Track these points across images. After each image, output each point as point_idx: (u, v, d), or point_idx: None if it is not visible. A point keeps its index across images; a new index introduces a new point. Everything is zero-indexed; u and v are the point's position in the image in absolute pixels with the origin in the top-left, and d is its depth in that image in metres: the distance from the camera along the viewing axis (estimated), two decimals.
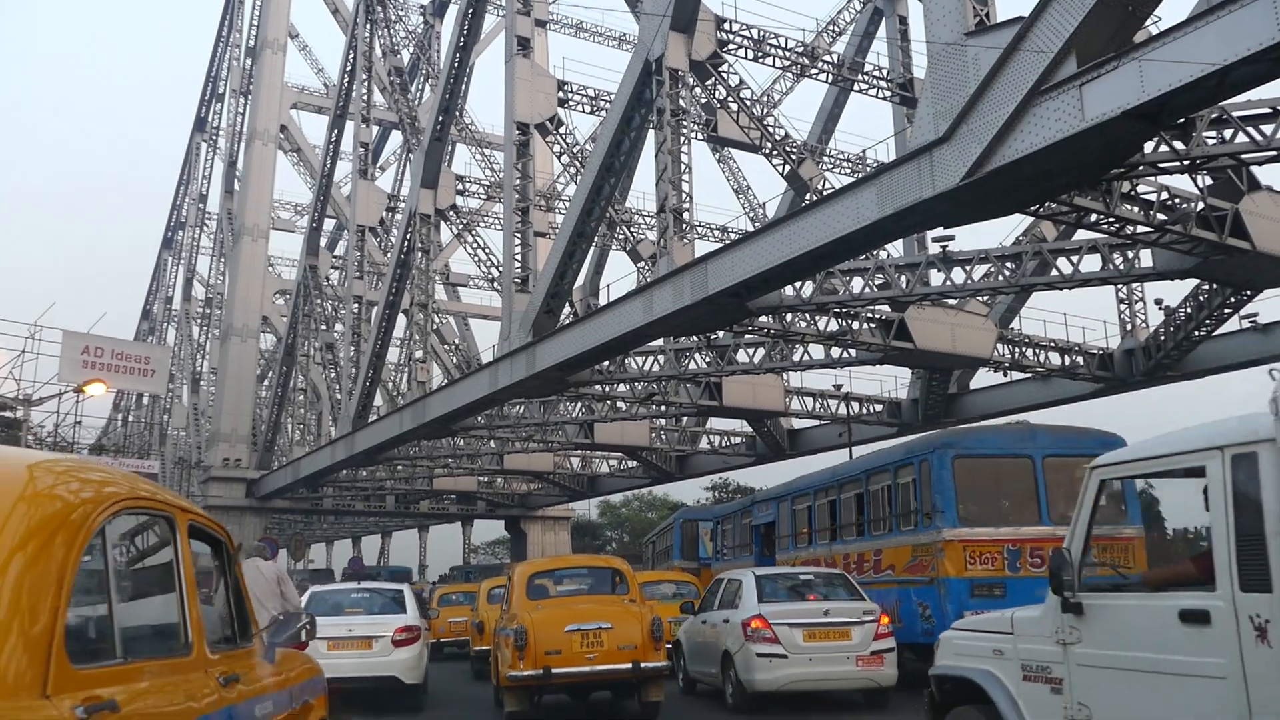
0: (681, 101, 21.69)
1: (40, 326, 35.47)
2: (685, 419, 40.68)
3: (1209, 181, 17.35)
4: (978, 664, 6.04)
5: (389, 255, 40.71)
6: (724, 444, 41.06)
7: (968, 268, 19.89)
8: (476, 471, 46.94)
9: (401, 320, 40.55)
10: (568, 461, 48.12)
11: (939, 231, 19.24)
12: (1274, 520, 4.08)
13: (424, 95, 51.88)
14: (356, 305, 42.29)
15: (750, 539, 20.92)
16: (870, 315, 23.47)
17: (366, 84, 44.76)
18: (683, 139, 21.51)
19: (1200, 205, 16.71)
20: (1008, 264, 19.97)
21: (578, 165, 29.06)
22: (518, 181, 28.46)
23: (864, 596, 12.92)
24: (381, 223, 44.86)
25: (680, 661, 15.00)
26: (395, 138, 65.13)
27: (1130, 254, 19.21)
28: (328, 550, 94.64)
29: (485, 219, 46.08)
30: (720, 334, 27.35)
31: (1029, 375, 28.04)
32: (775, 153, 23.04)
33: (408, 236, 36.24)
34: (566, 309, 26.90)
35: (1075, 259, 19.62)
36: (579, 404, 34.76)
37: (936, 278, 20.06)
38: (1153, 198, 16.45)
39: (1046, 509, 13.06)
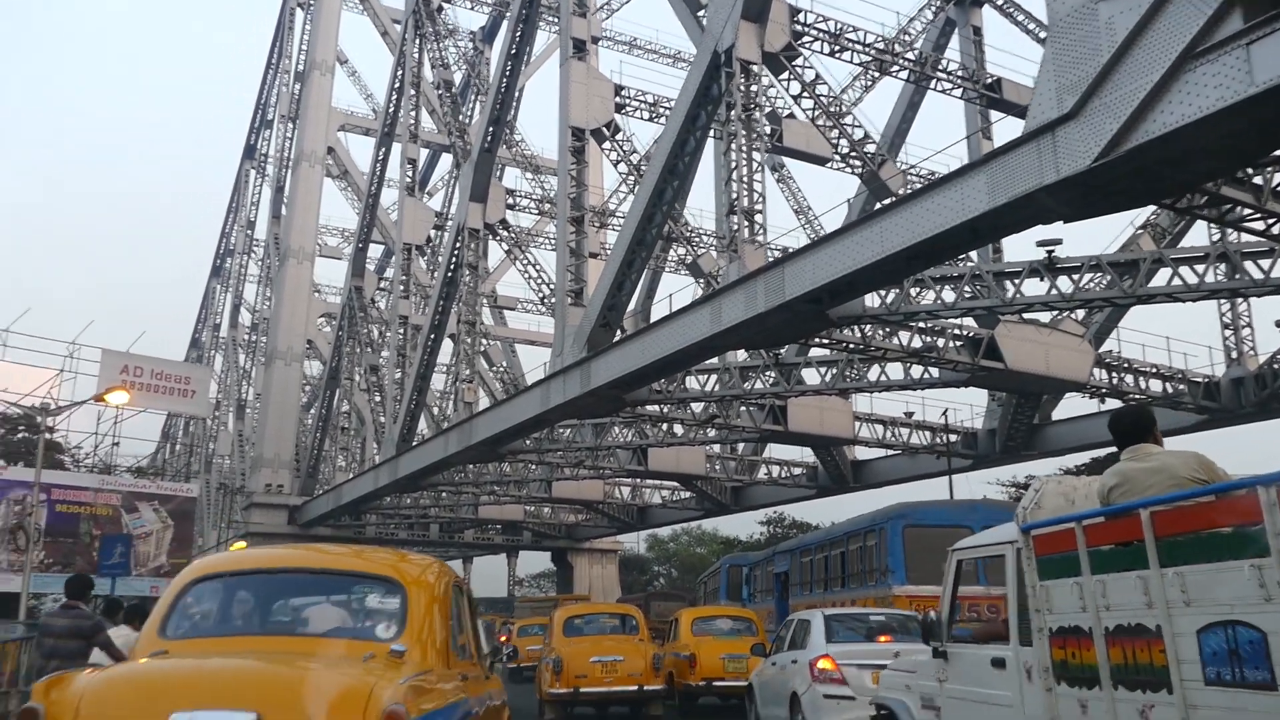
0: (753, 93, 19.97)
1: (79, 345, 34.50)
2: (743, 446, 38.73)
3: None
4: (897, 695, 7.78)
5: (436, 274, 39.32)
6: (784, 474, 38.93)
7: (1075, 276, 17.86)
8: (523, 499, 45.18)
9: (447, 344, 39.15)
10: (618, 491, 46.19)
11: (1043, 235, 17.44)
12: (1031, 596, 5.52)
13: (474, 116, 50.87)
14: (402, 326, 40.90)
15: (773, 585, 23.34)
16: (957, 332, 21.49)
17: (414, 100, 43.63)
18: (755, 134, 19.77)
19: None
20: (1120, 273, 17.88)
21: (636, 174, 27.43)
22: (572, 190, 26.88)
23: None
24: (429, 242, 43.55)
25: (752, 705, 14.09)
26: (443, 165, 64.42)
27: (1266, 264, 17.10)
28: None
29: (536, 239, 44.65)
30: (784, 351, 25.52)
31: (1122, 404, 25.84)
32: (853, 154, 21.24)
33: (455, 252, 34.78)
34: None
35: (1200, 269, 17.52)
36: (632, 429, 33.02)
37: (1039, 287, 18.08)
38: None
39: (983, 572, 13.98)
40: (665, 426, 31.42)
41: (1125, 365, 23.71)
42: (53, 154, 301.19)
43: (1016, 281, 17.93)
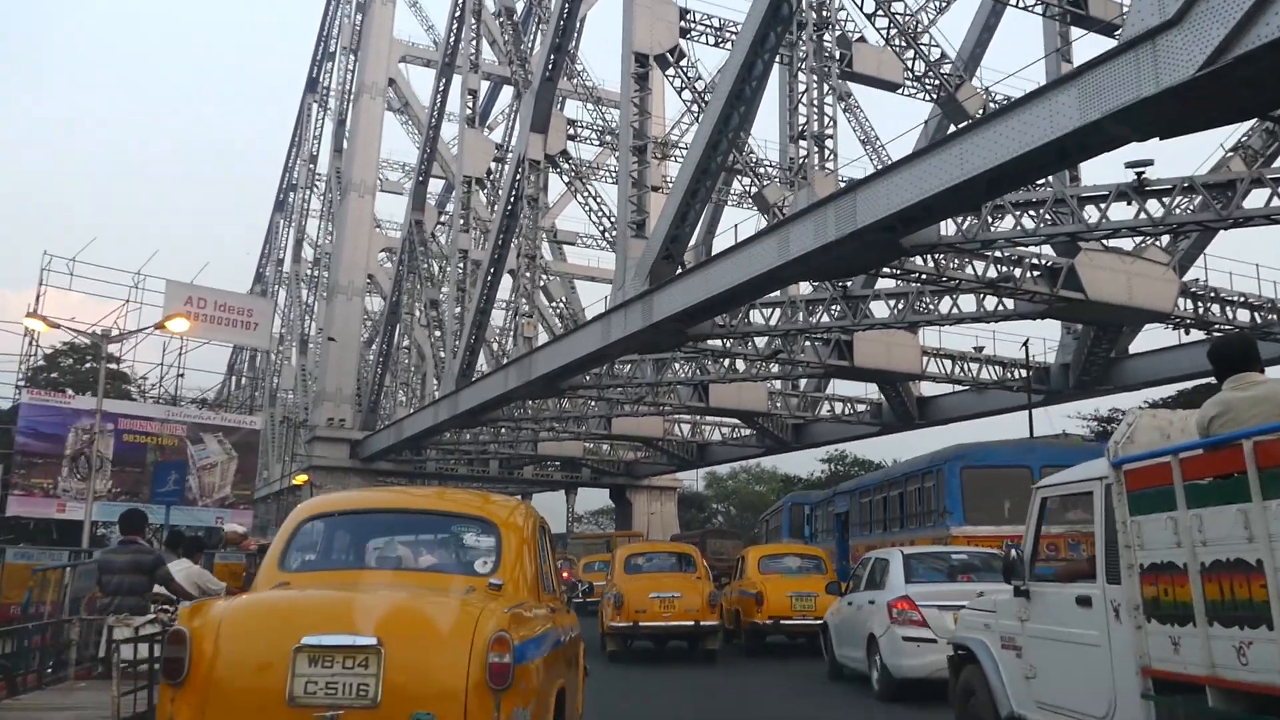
0: (825, 11, 19.12)
1: (144, 275, 34.71)
2: (805, 383, 38.13)
3: None
4: (975, 635, 7.55)
5: (496, 208, 38.93)
6: (847, 411, 38.29)
7: (1166, 199, 16.90)
8: (583, 436, 45.08)
9: (507, 280, 38.87)
10: (677, 428, 45.86)
11: (1129, 156, 16.51)
12: (1122, 532, 5.40)
13: (535, 47, 50.12)
14: (462, 260, 40.67)
15: (833, 525, 23.58)
16: (1034, 262, 20.63)
17: (475, 28, 42.95)
18: (826, 54, 18.95)
19: None
20: (1214, 194, 16.86)
21: (701, 102, 26.65)
22: (635, 118, 26.21)
23: None
24: (489, 174, 43.08)
25: (827, 645, 13.74)
26: (503, 99, 63.73)
27: None
28: None
29: (598, 172, 43.99)
30: (852, 283, 24.81)
31: (1204, 336, 24.82)
32: (928, 75, 20.30)
33: (516, 183, 34.30)
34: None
35: None
36: (693, 364, 32.59)
37: (1125, 212, 17.13)
38: None
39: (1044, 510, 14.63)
40: (727, 362, 30.92)
41: (1212, 294, 22.62)
42: (118, 88, 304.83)
43: (1102, 206, 17.02)
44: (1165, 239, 21.74)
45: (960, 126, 16.02)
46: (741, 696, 12.20)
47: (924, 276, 19.67)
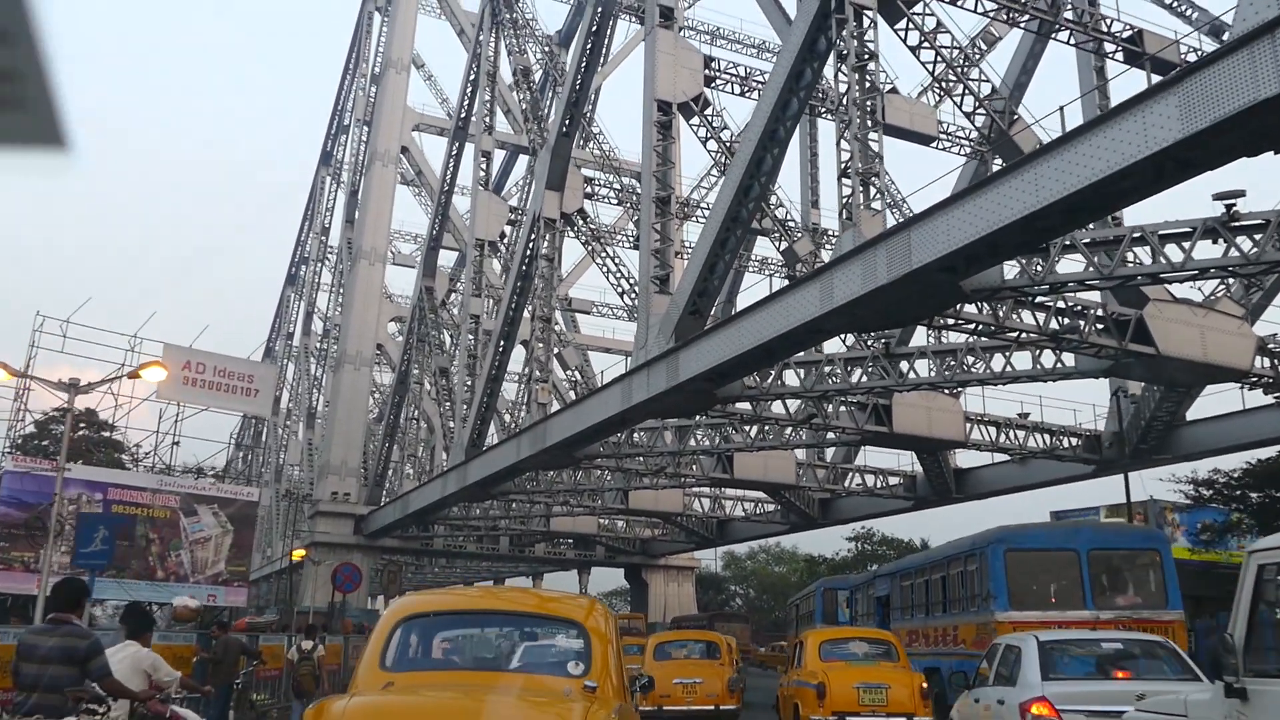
0: (869, 44, 17.65)
1: (140, 339, 33.09)
2: (832, 453, 36.16)
3: None
4: None
5: (509, 268, 37.45)
6: (879, 484, 36.17)
7: (1257, 236, 15.11)
8: (598, 510, 42.95)
9: (518, 353, 37.30)
10: (697, 503, 43.77)
11: (1212, 184, 14.86)
12: None
13: (551, 113, 49.28)
14: (473, 325, 39.08)
15: (874, 608, 22.96)
16: (1099, 313, 18.82)
17: (490, 93, 41.99)
18: (869, 86, 17.44)
19: None
20: None
21: (727, 154, 25.19)
22: (657, 168, 24.74)
23: (1200, 675, 8.99)
24: (502, 238, 41.74)
25: None
26: (518, 170, 62.97)
27: None
28: None
29: (616, 236, 42.62)
30: (892, 339, 23.07)
31: (1273, 400, 22.88)
32: (978, 110, 18.77)
33: (530, 244, 32.83)
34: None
35: None
36: (716, 433, 30.73)
37: (1211, 250, 15.38)
38: None
39: (1090, 595, 14.91)
40: (754, 430, 29.03)
41: None
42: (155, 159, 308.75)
43: (1186, 245, 15.27)
44: (1236, 290, 20.01)
45: (1036, 149, 14.34)
46: None
47: (979, 327, 17.85)
